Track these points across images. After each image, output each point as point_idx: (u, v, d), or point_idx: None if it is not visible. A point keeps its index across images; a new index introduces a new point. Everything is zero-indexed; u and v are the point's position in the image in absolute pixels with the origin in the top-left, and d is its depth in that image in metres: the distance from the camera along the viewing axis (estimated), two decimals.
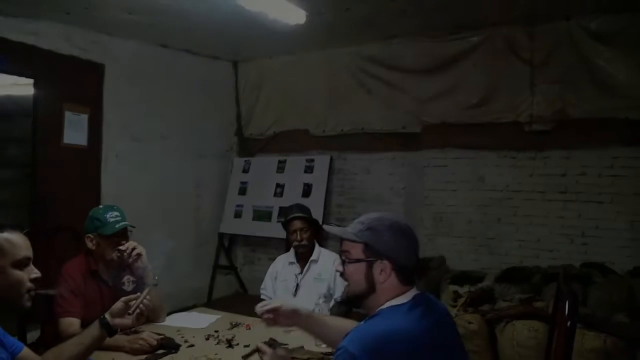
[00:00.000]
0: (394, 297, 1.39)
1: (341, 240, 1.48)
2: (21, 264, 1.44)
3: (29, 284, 1.45)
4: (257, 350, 1.64)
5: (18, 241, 1.45)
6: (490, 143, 4.56)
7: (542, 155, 4.35)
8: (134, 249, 2.35)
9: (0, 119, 5.20)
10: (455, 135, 4.72)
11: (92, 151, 4.46)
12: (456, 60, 4.66)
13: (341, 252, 1.48)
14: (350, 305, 1.52)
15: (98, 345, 1.74)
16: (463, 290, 3.74)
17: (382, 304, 1.39)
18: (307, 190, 5.29)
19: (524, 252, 4.43)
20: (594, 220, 4.14)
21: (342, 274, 1.48)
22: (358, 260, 1.41)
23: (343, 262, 1.46)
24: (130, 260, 2.34)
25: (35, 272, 1.48)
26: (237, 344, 2.15)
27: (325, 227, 1.57)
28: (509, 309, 3.27)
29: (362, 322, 1.40)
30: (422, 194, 4.93)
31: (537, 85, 4.29)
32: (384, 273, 1.38)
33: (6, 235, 1.43)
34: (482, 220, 4.64)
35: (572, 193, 4.23)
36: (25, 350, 1.58)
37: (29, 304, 1.47)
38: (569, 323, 1.27)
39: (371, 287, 1.40)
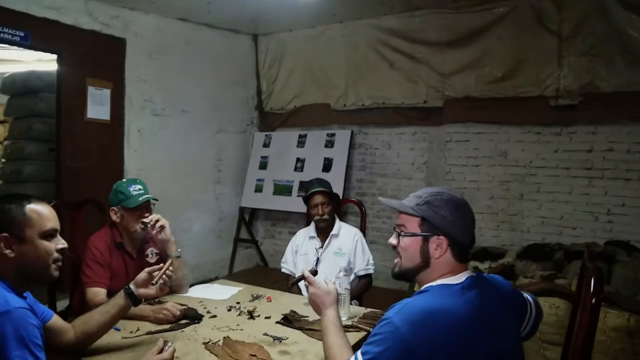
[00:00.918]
0: (447, 274, 1.38)
1: (398, 213, 1.46)
2: (49, 235, 1.46)
3: (56, 254, 1.48)
4: (302, 278, 1.70)
5: (45, 212, 1.47)
6: (514, 118, 4.47)
7: (567, 131, 4.26)
8: (157, 221, 2.38)
9: (26, 94, 5.28)
10: (478, 109, 4.64)
11: (115, 126, 4.51)
12: (481, 33, 4.55)
13: (396, 226, 1.46)
14: (400, 278, 1.50)
15: (123, 314, 1.79)
16: (483, 266, 3.72)
17: (434, 280, 1.38)
18: (327, 165, 5.29)
19: (547, 229, 4.38)
20: (621, 197, 4.06)
21: (394, 247, 1.47)
22: (414, 235, 1.40)
23: (398, 236, 1.44)
24: (154, 232, 2.38)
25: (62, 243, 1.51)
26: (259, 316, 2.18)
27: (381, 199, 1.55)
28: (530, 285, 3.24)
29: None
30: (443, 169, 4.88)
31: (565, 58, 4.17)
32: (439, 249, 1.37)
33: (33, 206, 1.45)
34: (504, 197, 4.59)
35: (599, 169, 4.14)
36: (55, 318, 1.63)
37: (56, 273, 1.50)
38: (593, 300, 1.25)
39: (425, 262, 1.39)
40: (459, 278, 1.37)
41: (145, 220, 2.36)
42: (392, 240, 1.48)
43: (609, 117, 4.05)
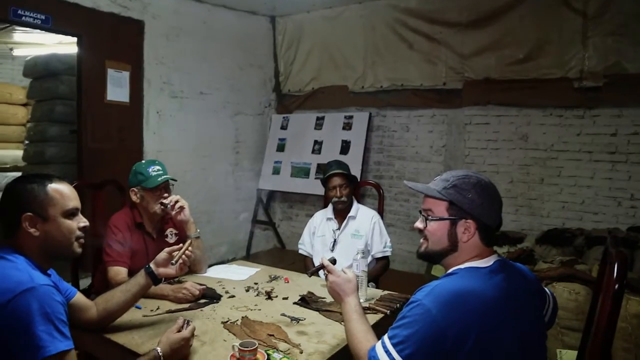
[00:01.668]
0: (474, 258, 1.38)
1: (424, 196, 1.45)
2: (71, 214, 1.49)
3: (78, 232, 1.51)
4: (322, 267, 1.70)
5: (67, 192, 1.50)
6: (536, 100, 4.38)
7: (591, 114, 4.15)
8: (177, 202, 2.41)
9: (47, 77, 5.35)
10: (499, 91, 4.55)
11: (134, 108, 4.54)
12: (502, 13, 4.44)
13: (422, 209, 1.45)
14: (425, 259, 1.49)
15: (144, 292, 1.83)
16: (502, 250, 3.69)
17: (461, 263, 1.38)
18: (345, 147, 5.27)
19: (567, 214, 4.31)
20: None
21: (421, 231, 1.46)
22: (441, 219, 1.39)
23: (425, 220, 1.43)
24: (174, 212, 2.40)
25: (83, 221, 1.54)
26: (276, 296, 2.20)
27: (406, 182, 1.53)
28: (550, 270, 3.21)
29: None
30: (462, 152, 4.82)
31: (590, 38, 4.05)
32: (467, 232, 1.36)
33: (55, 186, 1.48)
34: (523, 180, 4.52)
35: (623, 154, 4.04)
36: (79, 295, 1.68)
37: (79, 250, 1.53)
38: (616, 286, 1.23)
39: (453, 246, 1.39)
40: (487, 261, 1.37)
41: (164, 201, 2.39)
42: (419, 224, 1.47)
43: (636, 99, 3.93)
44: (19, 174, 5.93)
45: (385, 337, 1.29)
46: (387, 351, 1.26)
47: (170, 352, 1.51)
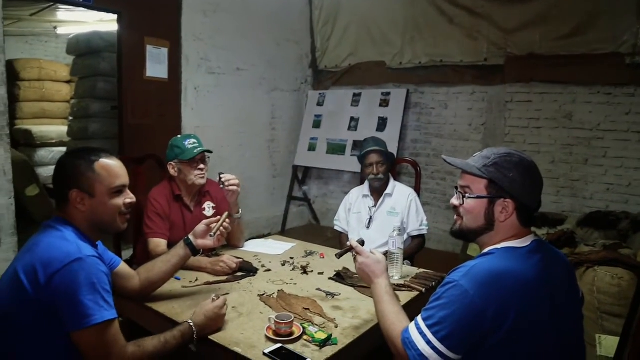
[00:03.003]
0: (511, 238, 1.35)
1: (462, 173, 1.42)
2: (117, 191, 1.51)
3: (123, 209, 1.54)
4: (351, 248, 1.68)
5: (114, 169, 1.51)
6: (582, 77, 4.19)
7: None
8: (233, 181, 2.42)
9: (89, 54, 5.48)
10: (543, 68, 4.38)
11: (172, 84, 4.60)
12: None
13: (459, 186, 1.42)
14: (459, 237, 1.47)
15: (183, 263, 1.88)
16: (541, 232, 3.60)
17: (497, 243, 1.35)
18: (382, 125, 5.21)
19: (612, 197, 4.16)
20: None
21: (456, 208, 1.43)
22: (479, 197, 1.36)
23: (463, 196, 1.39)
24: (227, 189, 2.42)
25: (130, 197, 1.56)
26: (312, 271, 2.22)
27: (445, 157, 1.48)
28: (591, 253, 3.12)
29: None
30: (502, 130, 4.69)
31: None
32: (505, 212, 1.33)
33: (102, 162, 1.49)
34: (566, 161, 4.37)
35: None
36: (123, 265, 1.74)
37: (124, 226, 1.57)
38: None
39: (489, 225, 1.36)
40: (524, 242, 1.34)
41: (222, 177, 2.41)
42: (454, 201, 1.43)
43: None
44: (64, 149, 6.15)
45: (419, 319, 1.27)
46: (421, 333, 1.24)
47: (205, 321, 1.55)
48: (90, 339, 1.31)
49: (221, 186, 2.42)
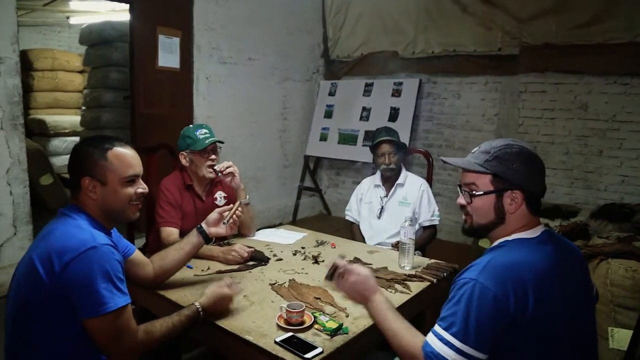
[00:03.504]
0: (522, 228, 1.34)
1: (463, 171, 1.39)
2: (130, 181, 1.51)
3: (135, 199, 1.53)
4: (336, 267, 1.51)
5: (127, 158, 1.51)
6: (599, 67, 4.12)
7: None
8: (228, 167, 2.45)
9: (102, 44, 5.50)
10: (558, 58, 4.31)
11: (184, 74, 4.60)
12: None
13: (463, 184, 1.39)
14: (471, 235, 1.45)
15: (196, 251, 1.89)
16: (554, 224, 3.57)
17: (509, 235, 1.34)
18: (394, 115, 5.18)
19: (627, 189, 4.10)
20: None
21: (463, 207, 1.41)
22: (487, 193, 1.34)
23: (470, 195, 1.37)
24: (225, 178, 2.45)
25: (142, 187, 1.56)
26: (323, 261, 2.22)
27: (444, 159, 1.45)
28: (605, 246, 3.08)
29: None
30: (516, 121, 4.64)
31: None
32: (514, 203, 1.32)
33: (115, 151, 1.49)
34: (580, 152, 4.32)
35: None
36: (137, 252, 1.76)
37: (135, 216, 1.57)
38: None
39: (500, 218, 1.34)
40: (535, 232, 1.34)
41: (216, 167, 2.44)
42: (461, 200, 1.41)
43: None
44: (77, 139, 6.21)
45: (439, 330, 1.22)
46: (447, 343, 1.19)
47: (213, 303, 1.57)
48: (103, 326, 1.32)
49: (219, 175, 2.44)
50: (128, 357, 1.38)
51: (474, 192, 1.36)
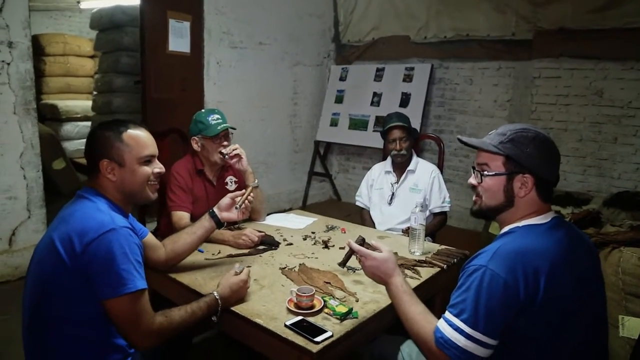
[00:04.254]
0: (532, 214, 1.33)
1: (478, 151, 1.40)
2: (146, 161, 1.55)
3: (152, 178, 1.57)
4: (353, 252, 1.58)
5: (142, 139, 1.55)
6: (615, 52, 4.04)
7: None
8: (235, 149, 2.45)
9: (112, 29, 5.49)
10: (573, 42, 4.23)
11: (195, 58, 4.59)
12: None
13: (477, 165, 1.40)
14: (479, 216, 1.44)
15: (208, 235, 1.91)
16: (566, 211, 3.54)
17: (518, 220, 1.34)
18: (405, 100, 5.14)
19: None
20: None
21: (474, 188, 1.41)
22: (497, 174, 1.34)
23: (481, 175, 1.38)
24: (232, 161, 2.46)
25: (159, 167, 1.60)
26: (333, 246, 2.23)
27: (460, 137, 1.46)
28: (617, 234, 3.05)
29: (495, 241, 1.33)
30: (528, 107, 4.59)
31: None
32: (524, 187, 1.31)
33: (130, 132, 1.53)
34: (594, 139, 4.26)
35: None
36: (150, 236, 1.78)
37: (152, 196, 1.60)
38: None
39: (509, 202, 1.34)
40: (545, 218, 1.33)
41: (223, 150, 2.45)
42: (472, 180, 1.42)
43: None
44: (89, 123, 6.24)
45: (450, 316, 1.24)
46: (457, 329, 1.21)
47: (229, 292, 1.58)
48: (122, 307, 1.34)
49: (226, 157, 2.44)
50: (147, 340, 1.39)
51: (485, 172, 1.36)
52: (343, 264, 1.75)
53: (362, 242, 1.60)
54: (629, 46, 3.94)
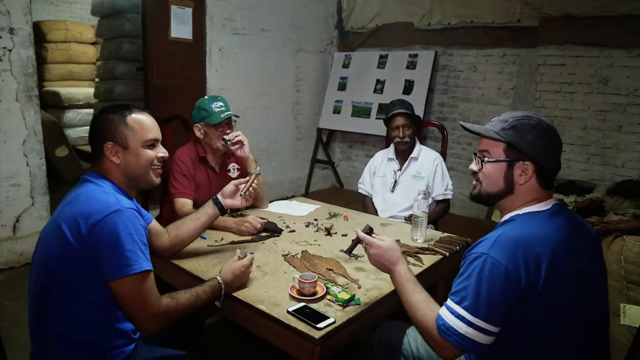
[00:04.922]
0: (532, 202, 1.33)
1: (480, 137, 1.40)
2: (150, 144, 1.55)
3: (156, 162, 1.57)
4: (359, 241, 1.60)
5: (146, 122, 1.55)
6: (621, 40, 4.00)
7: None
8: (237, 136, 2.45)
9: (114, 15, 5.46)
10: (579, 29, 4.19)
11: (197, 45, 4.57)
12: None
13: (478, 151, 1.40)
14: (478, 201, 1.44)
15: (211, 222, 1.92)
16: (569, 200, 3.54)
17: (518, 207, 1.34)
18: (408, 87, 5.11)
19: None
20: None
21: (474, 173, 1.41)
22: (498, 160, 1.34)
23: (482, 161, 1.38)
24: (233, 148, 2.45)
25: (162, 151, 1.60)
26: (336, 233, 2.24)
27: (462, 124, 1.46)
28: (621, 222, 3.04)
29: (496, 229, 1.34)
30: (533, 95, 4.56)
31: None
32: (524, 174, 1.31)
33: (134, 116, 1.53)
34: (599, 127, 4.23)
35: None
36: (154, 222, 1.78)
37: (157, 180, 1.60)
38: None
39: (509, 189, 1.34)
40: (545, 205, 1.33)
41: (226, 137, 2.44)
42: (473, 166, 1.42)
43: None
44: (91, 110, 6.23)
45: (451, 303, 1.24)
46: (458, 316, 1.21)
47: (232, 277, 1.59)
48: (129, 287, 1.35)
49: (227, 143, 2.43)
50: (154, 322, 1.40)
51: (486, 158, 1.37)
52: (349, 251, 1.79)
53: (369, 230, 1.61)
54: (635, 33, 3.90)
